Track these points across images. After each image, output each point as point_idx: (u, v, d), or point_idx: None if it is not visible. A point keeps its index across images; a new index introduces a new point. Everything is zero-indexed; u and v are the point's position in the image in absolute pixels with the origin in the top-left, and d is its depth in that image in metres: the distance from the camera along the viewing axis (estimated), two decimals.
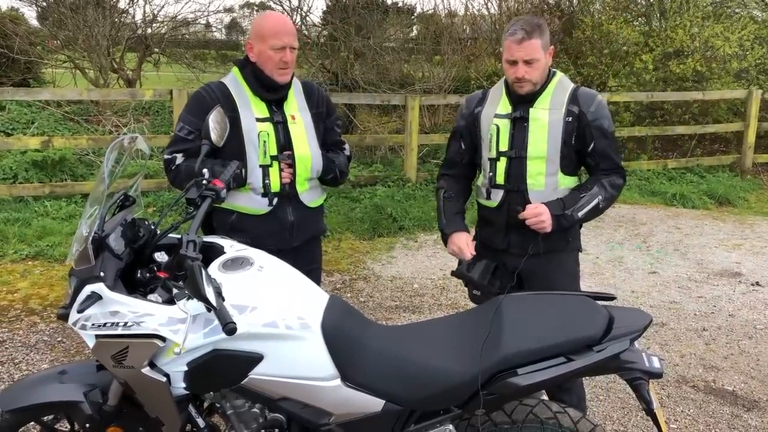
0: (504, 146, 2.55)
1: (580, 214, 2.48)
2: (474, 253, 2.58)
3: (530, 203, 2.50)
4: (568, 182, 2.56)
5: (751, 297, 5.04)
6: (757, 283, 5.33)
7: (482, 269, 2.59)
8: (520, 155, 2.52)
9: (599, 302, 2.07)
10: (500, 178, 2.57)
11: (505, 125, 2.55)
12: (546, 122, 2.49)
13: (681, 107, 9.87)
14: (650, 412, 1.96)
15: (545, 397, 2.29)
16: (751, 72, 9.92)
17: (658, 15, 10.73)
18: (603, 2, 11.12)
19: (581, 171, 2.67)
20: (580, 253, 2.72)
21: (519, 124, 2.53)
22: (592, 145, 2.51)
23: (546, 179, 2.52)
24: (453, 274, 2.70)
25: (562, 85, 2.55)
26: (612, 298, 2.16)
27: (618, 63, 9.98)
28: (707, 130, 9.70)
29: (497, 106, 2.59)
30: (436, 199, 2.80)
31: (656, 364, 1.98)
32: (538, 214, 2.43)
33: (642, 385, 1.95)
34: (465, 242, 2.59)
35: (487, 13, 11.87)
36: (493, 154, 2.57)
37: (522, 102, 2.53)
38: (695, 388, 3.65)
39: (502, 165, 2.56)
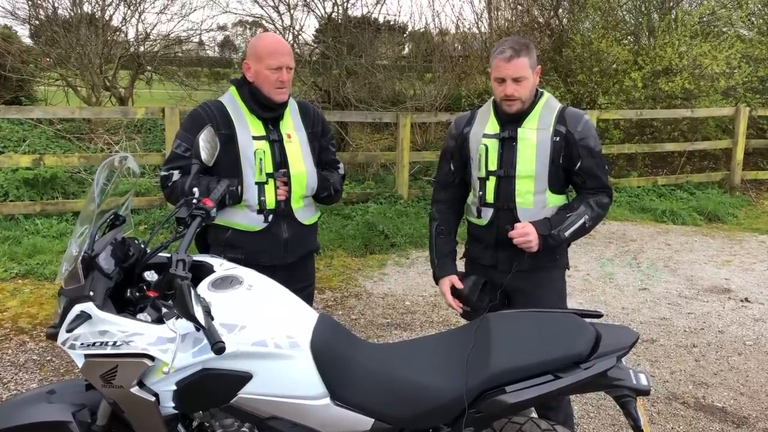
0: (493, 166, 2.58)
1: (566, 233, 2.51)
2: (460, 308, 2.67)
3: (519, 221, 2.53)
4: (556, 200, 2.59)
5: (740, 313, 5.07)
6: (747, 299, 5.36)
7: (471, 285, 2.63)
8: (509, 174, 2.56)
9: (586, 319, 2.09)
10: (490, 197, 2.61)
11: (493, 145, 2.58)
12: (534, 142, 2.52)
13: (670, 124, 9.97)
14: (637, 429, 1.97)
15: (535, 415, 2.30)
16: (739, 90, 10.04)
17: (647, 33, 10.87)
18: (592, 21, 11.25)
19: (569, 189, 2.70)
20: (567, 270, 2.75)
21: (507, 143, 2.56)
22: (579, 164, 2.54)
23: (534, 197, 2.56)
24: None
25: (549, 105, 2.59)
26: (599, 315, 2.17)
27: (607, 81, 10.08)
28: (696, 147, 9.80)
29: (485, 126, 2.62)
30: (429, 229, 2.84)
31: (643, 381, 1.99)
32: (525, 234, 2.47)
33: (629, 402, 1.97)
34: (448, 291, 2.69)
35: (477, 31, 11.96)
36: (483, 174, 2.60)
37: (510, 122, 2.56)
38: (685, 404, 3.66)
39: (491, 184, 2.59)
